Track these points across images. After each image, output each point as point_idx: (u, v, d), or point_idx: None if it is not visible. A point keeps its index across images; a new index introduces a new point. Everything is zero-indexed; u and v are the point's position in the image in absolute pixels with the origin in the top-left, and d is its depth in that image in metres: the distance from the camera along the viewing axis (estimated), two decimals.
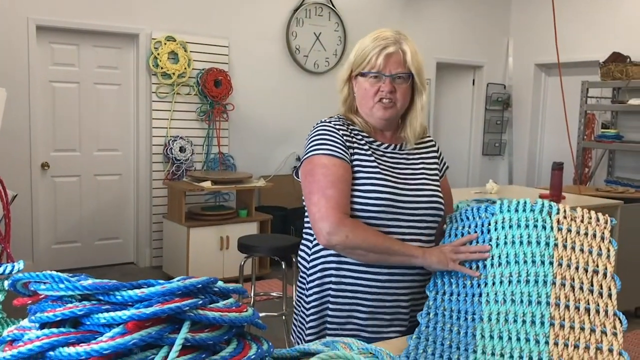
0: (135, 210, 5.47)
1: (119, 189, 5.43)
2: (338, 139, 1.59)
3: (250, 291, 3.74)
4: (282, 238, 3.74)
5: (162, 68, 5.26)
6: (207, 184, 4.87)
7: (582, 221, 1.43)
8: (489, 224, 1.51)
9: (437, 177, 1.71)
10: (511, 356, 1.26)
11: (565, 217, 1.44)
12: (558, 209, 1.46)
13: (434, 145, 1.77)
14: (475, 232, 1.53)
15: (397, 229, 1.56)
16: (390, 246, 1.52)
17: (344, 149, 1.58)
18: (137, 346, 0.81)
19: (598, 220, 1.44)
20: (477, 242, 1.51)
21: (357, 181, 1.57)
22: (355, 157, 1.59)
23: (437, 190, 1.66)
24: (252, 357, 0.91)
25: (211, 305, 0.93)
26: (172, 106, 5.39)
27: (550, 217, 1.45)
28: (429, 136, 1.77)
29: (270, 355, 0.98)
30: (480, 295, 1.41)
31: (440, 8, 7.04)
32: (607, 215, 1.46)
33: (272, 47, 5.98)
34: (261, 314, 3.61)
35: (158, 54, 5.24)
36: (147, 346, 0.83)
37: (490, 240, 1.49)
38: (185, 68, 5.35)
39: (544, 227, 1.43)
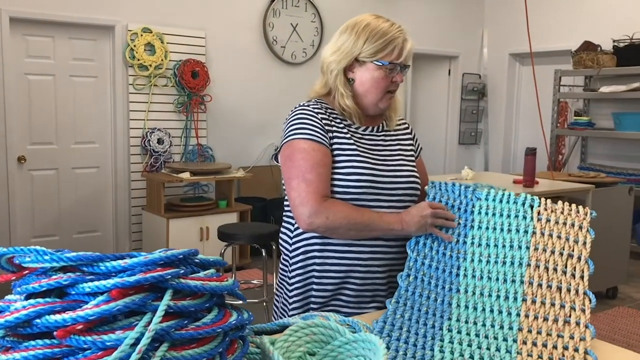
0: (113, 202, 5.45)
1: (97, 181, 5.40)
2: (317, 122, 1.60)
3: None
4: (262, 226, 3.77)
5: (138, 60, 5.24)
6: (185, 175, 4.88)
7: (562, 212, 1.50)
8: (473, 206, 1.57)
9: (413, 158, 1.75)
10: (483, 324, 1.32)
11: (545, 209, 1.51)
12: (539, 202, 1.53)
13: (407, 128, 1.81)
14: (459, 208, 1.59)
15: (377, 209, 1.60)
16: (370, 221, 1.55)
17: (323, 132, 1.59)
18: (121, 312, 0.85)
19: (578, 212, 1.50)
20: (459, 222, 1.57)
21: (337, 164, 1.59)
22: (335, 140, 1.61)
23: (414, 171, 1.70)
24: (233, 322, 0.95)
25: (192, 275, 0.97)
26: (149, 98, 5.37)
27: (531, 209, 1.52)
28: (402, 118, 1.81)
29: (250, 322, 1.02)
30: (459, 268, 1.48)
31: None
32: (587, 207, 1.52)
33: (249, 38, 5.99)
34: (242, 302, 3.65)
35: (134, 46, 5.22)
36: (131, 313, 0.87)
37: (473, 221, 1.55)
38: (162, 60, 5.34)
39: (525, 217, 1.51)
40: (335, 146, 1.61)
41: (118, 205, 5.42)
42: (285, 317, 1.69)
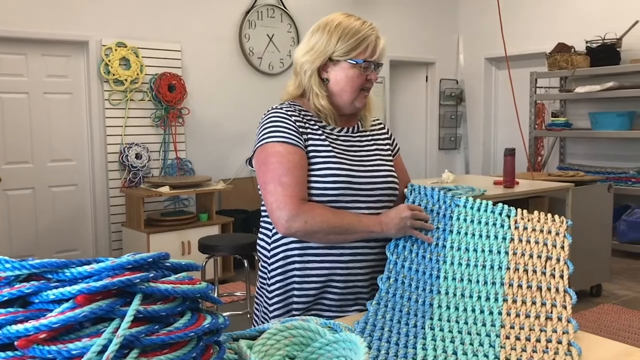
0: (93, 220, 5.37)
1: (75, 199, 5.32)
2: (291, 125, 1.58)
3: (214, 293, 3.71)
4: (243, 236, 3.73)
5: (113, 75, 5.19)
6: (165, 189, 4.82)
7: (538, 221, 1.51)
8: (452, 212, 1.57)
9: (391, 158, 1.73)
10: (466, 322, 1.30)
11: (522, 218, 1.52)
12: (516, 212, 1.54)
13: (383, 127, 1.80)
14: (438, 213, 1.58)
15: (355, 210, 1.58)
16: (350, 225, 1.52)
17: (297, 135, 1.57)
18: (87, 319, 0.81)
19: (554, 220, 1.52)
20: (438, 226, 1.56)
21: (314, 166, 1.56)
22: (310, 142, 1.59)
23: (392, 171, 1.68)
24: (207, 326, 0.91)
25: (163, 279, 0.93)
26: (125, 113, 5.32)
27: (508, 218, 1.53)
28: (377, 118, 1.80)
29: (226, 326, 0.99)
30: (439, 270, 1.47)
31: (390, 7, 7.15)
32: (562, 216, 1.53)
33: (226, 50, 5.97)
34: (226, 314, 3.60)
35: (109, 61, 5.17)
36: (98, 320, 0.83)
37: (452, 226, 1.55)
38: (137, 74, 5.29)
39: (502, 226, 1.52)
40: (310, 148, 1.58)
41: (97, 222, 5.34)
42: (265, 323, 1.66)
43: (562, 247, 1.44)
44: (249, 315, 3.46)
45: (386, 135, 1.78)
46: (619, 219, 5.71)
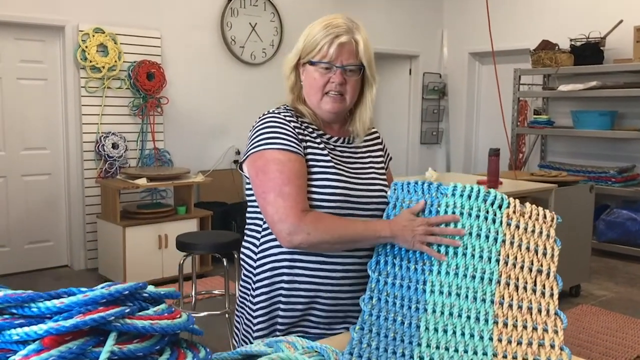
0: (67, 210, 5.23)
1: (49, 189, 5.18)
2: (290, 131, 1.49)
3: (191, 290, 3.63)
4: (222, 234, 3.64)
5: (90, 61, 5.03)
6: (142, 181, 4.70)
7: (530, 217, 1.44)
8: (439, 205, 1.46)
9: (383, 171, 1.67)
10: (456, 349, 1.24)
11: (514, 212, 1.44)
12: (509, 203, 1.45)
13: (378, 138, 1.72)
14: (423, 210, 1.47)
15: None
16: (355, 234, 1.43)
17: (297, 142, 1.49)
18: None
19: (545, 217, 1.45)
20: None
21: (312, 176, 1.48)
22: (309, 150, 1.51)
23: (385, 185, 1.62)
24: None
25: (140, 313, 0.85)
26: (102, 101, 5.17)
27: (500, 209, 1.44)
28: (373, 128, 1.72)
29: None
30: (425, 283, 1.38)
31: None
32: (553, 212, 1.47)
33: (207, 38, 5.83)
34: (203, 313, 3.52)
35: (86, 47, 5.01)
36: None
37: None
38: (115, 61, 5.14)
39: (494, 221, 1.42)
40: (309, 157, 1.50)
41: (71, 213, 5.20)
42: (248, 340, 1.58)
43: (552, 257, 1.39)
44: (227, 316, 3.39)
45: (380, 147, 1.70)
46: (598, 219, 5.74)
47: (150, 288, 0.92)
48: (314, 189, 1.48)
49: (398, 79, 7.82)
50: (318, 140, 1.54)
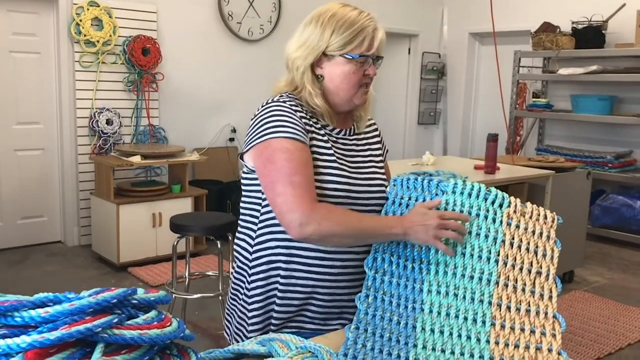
0: (60, 186, 5.19)
1: (42, 164, 5.12)
2: (297, 120, 1.43)
3: (185, 271, 3.61)
4: (217, 216, 3.61)
5: (85, 35, 4.94)
6: (136, 159, 4.65)
7: (530, 217, 1.41)
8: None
9: (382, 165, 1.63)
10: (452, 352, 1.22)
11: (515, 212, 1.41)
12: (509, 202, 1.42)
13: (376, 130, 1.68)
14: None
15: None
16: (367, 228, 1.39)
17: (304, 132, 1.43)
18: None
19: (545, 217, 1.42)
20: None
21: (314, 170, 1.43)
22: (313, 142, 1.46)
23: (384, 180, 1.58)
24: None
25: (129, 322, 0.82)
26: (97, 76, 5.09)
27: (501, 209, 1.41)
28: (370, 118, 1.67)
29: None
30: (422, 282, 1.36)
31: None
32: (554, 213, 1.44)
33: (204, 13, 5.73)
34: (197, 295, 3.51)
35: (80, 20, 4.91)
36: None
37: None
38: (110, 35, 5.05)
39: (494, 220, 1.40)
40: (313, 149, 1.45)
41: (65, 189, 5.16)
42: (241, 334, 1.56)
43: (552, 259, 1.37)
44: (220, 298, 3.37)
45: (378, 139, 1.66)
46: (594, 204, 5.74)
47: (140, 292, 0.89)
48: (316, 183, 1.43)
49: (397, 58, 7.73)
50: (322, 132, 1.50)
